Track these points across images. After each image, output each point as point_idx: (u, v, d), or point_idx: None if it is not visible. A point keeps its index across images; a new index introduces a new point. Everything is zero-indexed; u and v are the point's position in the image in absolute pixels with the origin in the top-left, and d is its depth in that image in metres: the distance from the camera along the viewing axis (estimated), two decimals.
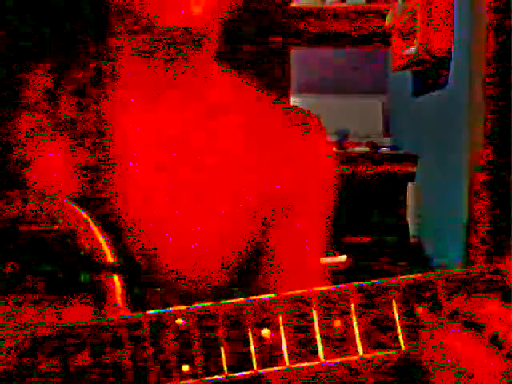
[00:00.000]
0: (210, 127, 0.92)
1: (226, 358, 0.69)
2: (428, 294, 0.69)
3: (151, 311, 0.70)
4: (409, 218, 3.28)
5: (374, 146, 3.47)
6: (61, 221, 0.79)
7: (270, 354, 0.69)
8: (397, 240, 3.18)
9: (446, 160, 2.84)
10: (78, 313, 0.76)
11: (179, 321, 0.69)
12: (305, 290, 0.69)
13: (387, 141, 3.64)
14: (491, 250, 2.42)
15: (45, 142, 0.88)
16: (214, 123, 0.93)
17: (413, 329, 0.69)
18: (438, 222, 2.93)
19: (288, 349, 0.68)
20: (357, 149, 3.35)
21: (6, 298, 0.76)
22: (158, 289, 0.87)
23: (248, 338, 0.69)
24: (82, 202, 0.82)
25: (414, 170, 3.27)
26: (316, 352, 0.68)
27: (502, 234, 2.35)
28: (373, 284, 0.69)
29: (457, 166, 2.65)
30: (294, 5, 3.54)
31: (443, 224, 2.83)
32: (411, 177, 3.29)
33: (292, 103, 1.01)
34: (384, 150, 3.48)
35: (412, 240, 3.22)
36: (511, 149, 2.35)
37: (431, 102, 3.06)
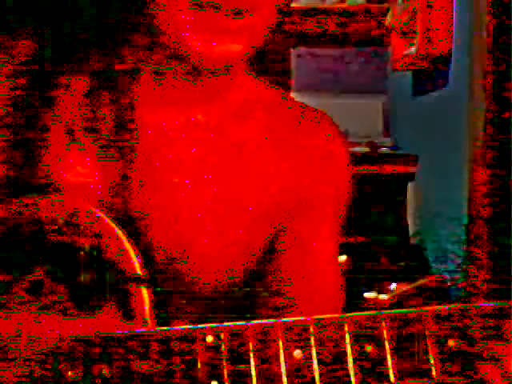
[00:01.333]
0: (231, 131, 0.93)
1: (256, 377, 0.68)
2: (460, 326, 0.68)
3: (181, 326, 0.70)
4: (409, 218, 3.28)
5: (374, 146, 3.47)
6: (89, 230, 0.78)
7: (301, 376, 0.68)
8: (397, 240, 3.18)
9: (446, 160, 2.84)
10: (105, 324, 0.75)
11: (209, 338, 0.69)
12: (337, 315, 0.69)
13: (387, 141, 3.63)
14: (491, 250, 2.41)
15: (75, 150, 0.87)
16: (235, 127, 0.93)
17: (445, 359, 0.68)
18: (438, 222, 2.93)
19: (319, 371, 0.68)
20: (357, 149, 3.34)
21: (32, 306, 0.75)
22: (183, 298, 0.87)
23: (279, 358, 0.68)
24: (111, 211, 0.82)
25: (414, 170, 3.27)
26: (348, 377, 0.68)
27: (502, 234, 2.35)
28: (405, 313, 0.69)
29: (457, 166, 2.65)
30: (294, 5, 3.54)
31: (443, 224, 2.83)
32: (411, 177, 3.28)
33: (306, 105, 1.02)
34: (384, 150, 3.48)
35: (412, 240, 3.22)
36: (511, 148, 2.35)
37: (431, 102, 3.06)
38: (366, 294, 2.70)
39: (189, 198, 0.89)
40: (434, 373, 0.68)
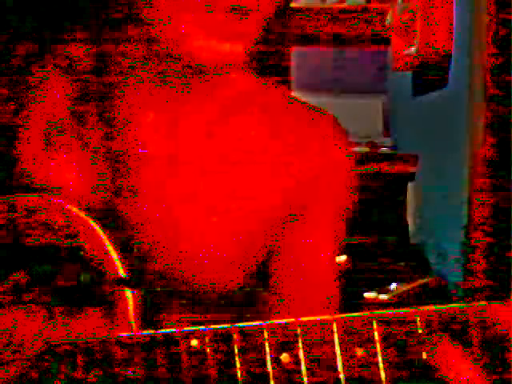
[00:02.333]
0: (227, 128, 0.91)
1: (242, 380, 0.66)
2: (454, 326, 0.67)
3: (165, 330, 0.68)
4: (409, 218, 3.28)
5: (374, 146, 3.47)
6: (73, 233, 0.77)
7: (289, 380, 0.66)
8: (397, 240, 3.18)
9: (446, 160, 2.84)
10: (89, 327, 0.74)
11: (194, 342, 0.67)
12: (326, 316, 0.67)
13: (387, 141, 3.64)
14: (491, 250, 2.41)
15: (60, 152, 0.86)
16: (231, 124, 0.91)
17: (437, 359, 0.67)
18: (438, 222, 2.93)
19: (308, 375, 0.66)
20: (357, 149, 3.34)
21: (15, 309, 0.74)
22: (171, 298, 0.86)
23: (266, 362, 0.66)
24: (94, 214, 0.80)
25: (414, 170, 3.27)
26: (337, 380, 0.66)
27: (502, 235, 2.35)
28: (397, 313, 0.67)
29: (457, 166, 2.65)
30: (294, 5, 3.54)
31: (443, 224, 2.83)
32: (411, 177, 3.28)
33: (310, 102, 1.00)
34: (384, 149, 3.48)
35: (412, 240, 3.22)
36: (511, 148, 2.35)
37: (431, 102, 3.06)
38: (366, 294, 2.70)
39: (183, 200, 0.88)
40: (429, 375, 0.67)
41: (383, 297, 2.69)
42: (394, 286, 2.76)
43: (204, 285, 0.88)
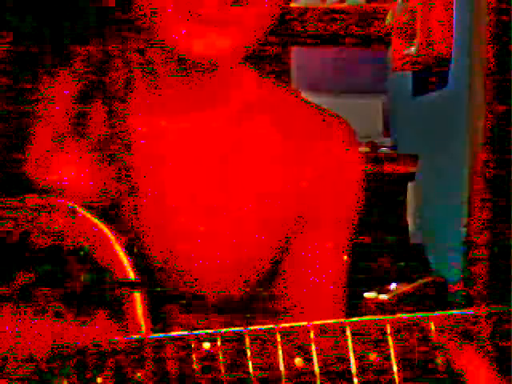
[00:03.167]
0: (236, 132, 0.90)
1: None
2: (468, 331, 0.66)
3: (176, 332, 0.67)
4: (409, 218, 3.28)
5: (374, 146, 3.47)
6: (81, 234, 0.76)
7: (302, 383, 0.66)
8: (397, 240, 3.17)
9: (446, 160, 2.83)
10: (98, 329, 0.73)
11: (206, 345, 0.66)
12: (340, 320, 0.66)
13: (387, 141, 3.63)
14: (491, 250, 2.41)
15: (68, 154, 0.85)
16: (240, 128, 0.90)
17: (453, 363, 0.66)
18: (438, 222, 2.92)
19: (321, 379, 0.66)
20: None
21: (23, 311, 0.74)
22: (179, 303, 0.85)
23: (279, 366, 0.66)
24: (103, 215, 0.80)
25: (414, 170, 3.26)
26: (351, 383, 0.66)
27: (502, 235, 2.35)
28: (410, 318, 0.66)
29: (457, 166, 2.65)
30: (293, 5, 3.54)
31: (443, 224, 2.83)
32: (411, 177, 3.28)
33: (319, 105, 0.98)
34: (384, 150, 3.48)
35: (412, 240, 3.22)
36: (511, 149, 2.35)
37: (431, 102, 3.06)
38: (366, 294, 2.70)
39: (187, 207, 0.87)
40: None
41: (383, 297, 2.68)
42: (393, 285, 2.76)
43: (205, 287, 0.87)
